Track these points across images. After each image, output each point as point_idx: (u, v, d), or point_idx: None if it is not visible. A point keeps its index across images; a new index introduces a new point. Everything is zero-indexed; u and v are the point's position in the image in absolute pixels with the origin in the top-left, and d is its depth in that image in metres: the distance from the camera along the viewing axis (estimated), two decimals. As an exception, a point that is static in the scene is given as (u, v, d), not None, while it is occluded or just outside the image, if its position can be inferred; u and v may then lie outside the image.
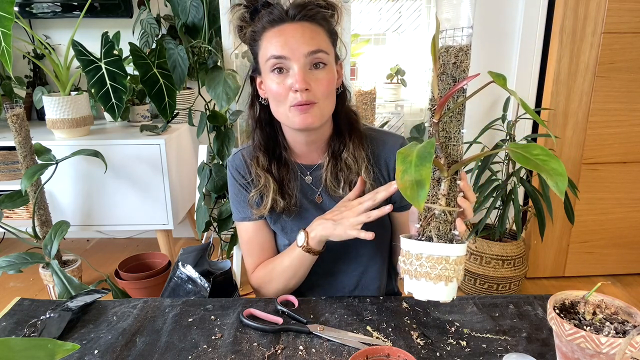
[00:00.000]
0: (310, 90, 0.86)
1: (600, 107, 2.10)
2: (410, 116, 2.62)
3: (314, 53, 0.86)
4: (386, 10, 2.49)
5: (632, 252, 2.31)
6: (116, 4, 2.35)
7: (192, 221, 2.64)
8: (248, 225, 1.02)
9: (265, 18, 0.89)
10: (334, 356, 0.74)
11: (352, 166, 0.96)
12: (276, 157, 0.98)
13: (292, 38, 0.86)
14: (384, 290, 1.09)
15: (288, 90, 0.87)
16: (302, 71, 0.85)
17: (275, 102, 0.90)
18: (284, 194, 0.97)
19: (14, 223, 2.12)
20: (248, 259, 1.04)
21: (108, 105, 1.94)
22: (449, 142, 0.71)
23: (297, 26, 0.87)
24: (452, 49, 0.71)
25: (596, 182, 2.20)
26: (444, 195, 0.71)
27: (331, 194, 0.98)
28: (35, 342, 0.45)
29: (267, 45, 0.88)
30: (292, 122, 0.89)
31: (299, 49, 0.85)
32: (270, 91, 0.89)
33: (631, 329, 0.61)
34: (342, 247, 1.00)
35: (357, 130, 0.98)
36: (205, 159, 2.13)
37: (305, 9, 0.88)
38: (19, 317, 0.86)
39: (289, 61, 0.86)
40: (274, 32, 0.88)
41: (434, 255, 0.68)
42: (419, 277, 0.69)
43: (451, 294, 0.69)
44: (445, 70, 0.71)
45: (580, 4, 1.97)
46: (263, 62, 0.89)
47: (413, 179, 0.57)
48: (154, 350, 0.77)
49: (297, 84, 0.84)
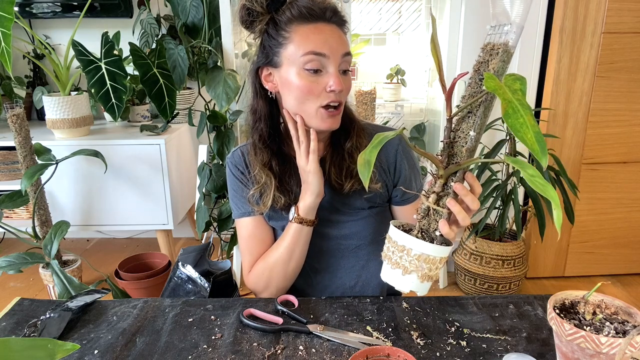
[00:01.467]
0: (343, 92, 0.90)
1: (600, 107, 2.10)
2: (410, 116, 2.63)
3: (347, 55, 0.90)
4: (386, 10, 2.49)
5: (632, 252, 2.31)
6: (116, 4, 2.35)
7: (192, 221, 2.64)
8: (248, 221, 1.02)
9: (297, 10, 0.88)
10: (334, 356, 0.74)
11: (354, 155, 0.97)
12: (276, 152, 0.98)
13: (331, 38, 0.88)
14: (385, 287, 1.08)
15: (322, 89, 0.88)
16: (338, 72, 0.88)
17: (302, 98, 0.89)
18: (283, 190, 0.97)
19: (14, 223, 2.12)
20: (247, 257, 1.03)
21: (108, 105, 1.94)
22: (456, 142, 0.70)
23: (333, 28, 0.89)
24: (488, 46, 0.68)
25: (596, 182, 2.20)
26: (435, 193, 0.71)
27: (335, 187, 0.98)
28: (35, 342, 0.45)
29: (303, 40, 0.87)
30: (319, 123, 0.90)
31: (338, 49, 0.88)
32: (297, 87, 0.88)
33: (631, 329, 0.61)
34: (341, 242, 1.01)
35: (357, 122, 1.00)
36: (205, 159, 2.13)
37: (338, 15, 0.91)
38: (19, 317, 0.86)
39: (327, 60, 0.87)
40: (311, 28, 0.88)
41: (404, 245, 0.70)
42: (384, 258, 0.74)
43: (409, 286, 0.71)
44: (479, 68, 0.69)
45: (580, 4, 1.97)
46: (294, 56, 0.88)
47: (364, 158, 0.62)
48: (154, 350, 0.77)
49: (336, 86, 0.87)
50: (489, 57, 0.68)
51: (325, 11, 0.89)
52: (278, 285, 0.99)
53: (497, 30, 0.68)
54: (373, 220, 1.01)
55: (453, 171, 0.70)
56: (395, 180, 1.02)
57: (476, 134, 0.68)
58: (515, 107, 0.57)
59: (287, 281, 0.99)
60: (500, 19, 0.68)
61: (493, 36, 0.69)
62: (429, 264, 0.69)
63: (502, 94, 0.58)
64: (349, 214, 1.01)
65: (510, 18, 0.66)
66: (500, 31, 0.67)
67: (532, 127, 0.56)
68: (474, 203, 0.71)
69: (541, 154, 0.55)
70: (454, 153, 0.70)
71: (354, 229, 1.01)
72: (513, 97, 0.58)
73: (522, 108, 0.57)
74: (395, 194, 1.03)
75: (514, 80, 0.62)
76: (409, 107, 2.61)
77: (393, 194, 1.03)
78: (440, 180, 0.71)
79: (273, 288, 0.99)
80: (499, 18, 0.68)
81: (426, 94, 2.59)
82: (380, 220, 1.03)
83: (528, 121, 0.56)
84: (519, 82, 0.61)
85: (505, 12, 0.67)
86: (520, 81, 0.62)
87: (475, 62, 0.70)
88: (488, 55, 0.68)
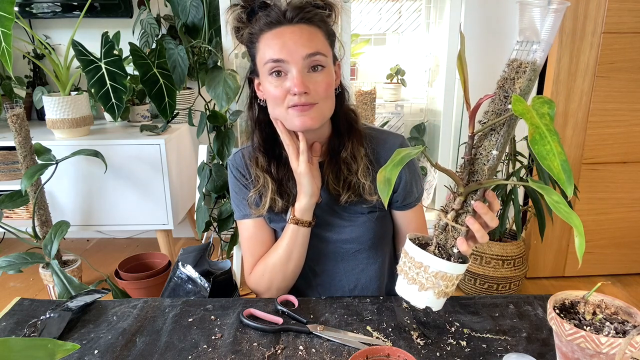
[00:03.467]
0: (309, 93, 0.86)
1: (600, 107, 2.10)
2: (410, 116, 2.63)
3: (312, 55, 0.85)
4: (386, 10, 2.50)
5: (632, 252, 2.31)
6: (116, 4, 2.35)
7: (192, 221, 2.64)
8: (249, 223, 1.02)
9: (263, 20, 0.88)
10: (334, 356, 0.74)
11: (351, 165, 0.95)
12: (275, 156, 0.99)
13: (289, 41, 0.85)
14: (384, 291, 1.08)
15: (286, 93, 0.86)
16: (301, 74, 0.85)
17: (273, 104, 0.90)
18: (282, 193, 0.97)
19: (14, 223, 2.12)
20: (248, 258, 1.04)
21: (108, 105, 1.94)
22: (477, 159, 0.69)
23: (295, 29, 0.86)
24: (515, 63, 0.66)
25: (596, 182, 2.20)
26: (454, 210, 0.71)
27: (332, 192, 0.97)
28: (35, 342, 0.45)
29: (265, 48, 0.87)
30: (292, 123, 0.89)
31: (297, 51, 0.85)
32: (269, 93, 0.89)
33: (631, 329, 0.61)
34: (340, 246, 1.01)
35: (356, 130, 0.98)
36: (205, 159, 2.13)
37: (303, 11, 0.87)
38: (19, 317, 0.86)
39: (287, 64, 0.85)
40: (271, 35, 0.87)
41: (421, 262, 0.70)
42: (400, 272, 0.74)
43: (424, 302, 0.72)
44: (504, 85, 0.68)
45: (580, 4, 1.97)
46: (261, 65, 0.89)
47: (385, 176, 0.61)
48: (154, 350, 0.77)
49: (296, 88, 0.84)
50: (515, 75, 0.66)
51: (284, 14, 0.86)
52: (279, 285, 0.99)
53: (525, 46, 0.66)
54: (373, 225, 1.00)
55: (473, 189, 0.69)
56: (396, 186, 1.00)
57: (498, 153, 0.67)
58: (543, 133, 0.56)
59: (287, 281, 0.99)
60: (528, 35, 0.65)
61: (520, 52, 0.67)
62: (446, 281, 0.70)
63: (530, 119, 0.57)
64: (349, 219, 1.00)
65: (540, 36, 0.64)
66: (528, 48, 0.65)
67: (558, 155, 0.55)
68: (493, 221, 0.71)
69: (567, 183, 0.54)
70: (475, 170, 0.70)
71: (354, 233, 1.00)
72: (540, 121, 0.57)
73: (549, 134, 0.56)
74: (396, 199, 1.01)
75: (542, 104, 0.60)
76: (409, 107, 2.61)
77: (394, 199, 1.01)
78: (459, 197, 0.70)
79: (274, 289, 0.99)
80: (526, 34, 0.66)
81: (426, 94, 2.59)
82: (380, 225, 1.02)
83: (555, 148, 0.55)
84: (547, 106, 0.60)
85: (534, 28, 0.64)
86: (549, 105, 0.60)
87: (500, 77, 0.68)
88: (514, 72, 0.67)
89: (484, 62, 2.21)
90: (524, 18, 0.65)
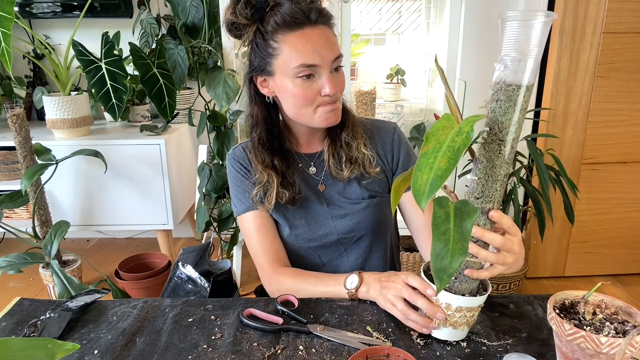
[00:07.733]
0: (337, 93, 0.91)
1: (600, 107, 2.10)
2: (410, 116, 2.62)
3: (337, 58, 0.91)
4: (386, 10, 2.49)
5: (632, 252, 2.31)
6: (116, 4, 2.35)
7: (192, 221, 2.64)
8: (252, 215, 1.01)
9: (280, 18, 0.86)
10: (334, 356, 0.74)
11: (351, 143, 1.00)
12: (276, 150, 1.00)
13: (319, 45, 0.87)
14: None
15: (316, 94, 0.90)
16: (331, 76, 0.90)
17: (299, 104, 0.91)
18: (286, 185, 0.99)
19: (14, 223, 2.12)
20: (259, 252, 1.01)
21: (108, 105, 1.94)
22: (486, 182, 0.66)
23: (319, 31, 0.88)
24: (502, 85, 0.61)
25: (596, 182, 2.20)
26: None
27: (334, 175, 1.01)
28: (35, 342, 0.45)
29: (293, 51, 0.87)
30: (320, 121, 0.93)
31: (327, 56, 0.88)
32: (294, 94, 0.90)
33: (631, 329, 0.61)
34: (343, 236, 1.02)
35: (351, 113, 1.03)
36: (205, 159, 2.13)
37: (323, 13, 0.89)
38: (19, 317, 0.86)
39: (319, 68, 0.88)
40: (298, 37, 0.86)
41: (437, 299, 0.75)
42: None
43: (445, 335, 0.76)
44: (494, 109, 0.63)
45: (580, 4, 1.97)
46: (285, 67, 0.88)
47: (441, 265, 0.56)
48: (154, 350, 0.77)
49: (330, 91, 0.89)
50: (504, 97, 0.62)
51: (309, 14, 0.86)
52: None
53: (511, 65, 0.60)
54: (373, 211, 1.02)
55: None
56: (394, 168, 1.05)
57: (477, 179, 0.66)
58: (440, 148, 0.55)
59: None
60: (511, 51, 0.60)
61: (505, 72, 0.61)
62: (468, 312, 0.73)
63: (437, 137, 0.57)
64: (349, 206, 1.02)
65: (527, 50, 0.59)
66: (516, 68, 0.60)
67: (435, 170, 0.54)
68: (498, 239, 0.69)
69: (422, 196, 0.53)
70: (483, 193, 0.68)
71: (355, 219, 1.02)
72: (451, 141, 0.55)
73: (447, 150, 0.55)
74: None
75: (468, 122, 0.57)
76: (409, 107, 2.60)
77: (394, 179, 1.04)
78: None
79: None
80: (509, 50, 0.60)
81: (426, 94, 2.59)
82: (380, 210, 1.04)
83: (437, 164, 0.54)
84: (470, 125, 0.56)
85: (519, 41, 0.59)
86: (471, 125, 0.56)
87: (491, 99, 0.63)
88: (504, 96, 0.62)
89: (484, 62, 2.21)
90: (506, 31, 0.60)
